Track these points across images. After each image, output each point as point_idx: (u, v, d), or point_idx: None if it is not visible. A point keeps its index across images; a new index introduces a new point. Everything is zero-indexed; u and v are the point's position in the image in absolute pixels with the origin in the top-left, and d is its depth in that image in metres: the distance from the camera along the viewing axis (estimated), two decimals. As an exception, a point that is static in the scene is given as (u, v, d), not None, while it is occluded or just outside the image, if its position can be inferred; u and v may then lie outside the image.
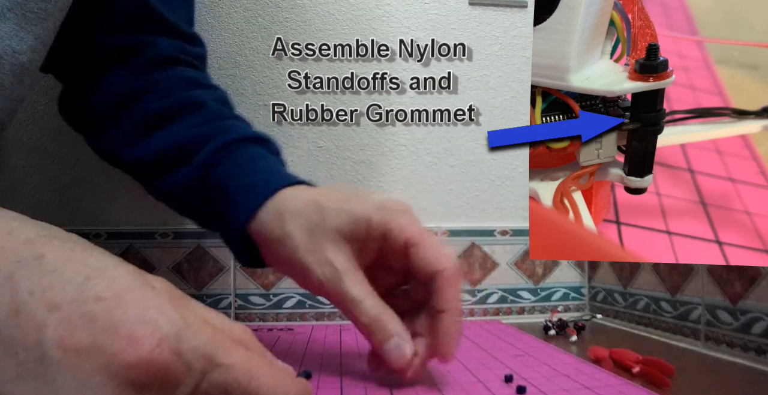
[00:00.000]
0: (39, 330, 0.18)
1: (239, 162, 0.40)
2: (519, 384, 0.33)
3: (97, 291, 0.19)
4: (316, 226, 0.34)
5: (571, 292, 0.68)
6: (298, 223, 0.35)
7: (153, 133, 0.42)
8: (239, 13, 0.65)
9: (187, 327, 0.19)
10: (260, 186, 0.37)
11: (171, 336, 0.19)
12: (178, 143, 0.41)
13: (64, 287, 0.19)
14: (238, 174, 0.39)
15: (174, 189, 0.42)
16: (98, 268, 0.20)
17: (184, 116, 0.42)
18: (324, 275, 0.33)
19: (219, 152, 0.40)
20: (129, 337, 0.18)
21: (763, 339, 0.40)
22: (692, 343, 0.48)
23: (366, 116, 0.66)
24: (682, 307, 0.49)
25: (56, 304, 0.18)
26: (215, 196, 0.39)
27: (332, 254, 0.33)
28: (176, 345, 0.19)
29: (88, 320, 0.18)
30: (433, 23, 0.68)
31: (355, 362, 0.39)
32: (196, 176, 0.40)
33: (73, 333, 0.18)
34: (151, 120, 0.43)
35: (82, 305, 0.18)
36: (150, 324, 0.18)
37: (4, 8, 0.32)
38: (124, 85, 0.44)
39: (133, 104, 0.43)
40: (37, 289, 0.18)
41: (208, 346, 0.19)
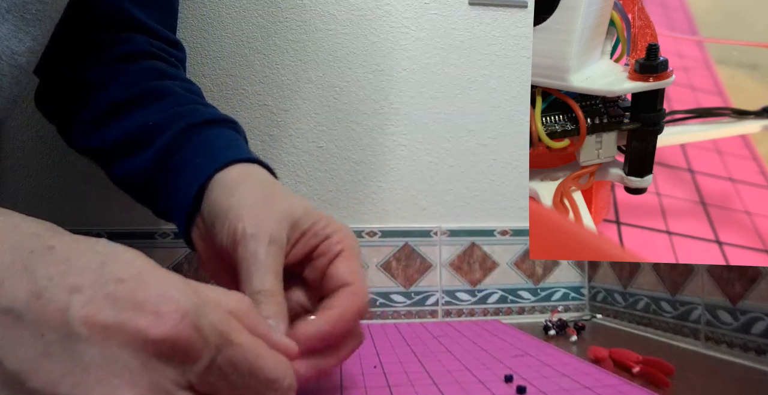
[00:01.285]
0: (63, 311, 0.19)
1: (199, 144, 0.39)
2: (519, 384, 0.33)
3: (116, 274, 0.20)
4: (271, 197, 0.33)
5: (571, 292, 0.68)
6: (255, 186, 0.34)
7: (114, 121, 0.42)
8: (239, 13, 0.65)
9: (204, 304, 0.20)
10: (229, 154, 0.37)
11: (192, 312, 0.20)
12: (138, 129, 0.41)
13: (83, 272, 0.20)
14: (197, 154, 0.38)
15: (133, 172, 0.42)
16: (110, 253, 0.21)
17: (148, 104, 0.42)
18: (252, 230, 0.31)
19: (181, 135, 0.39)
20: (155, 313, 0.19)
21: (763, 339, 0.40)
22: (692, 343, 0.48)
23: (366, 116, 0.66)
24: (682, 307, 0.49)
25: (77, 287, 0.19)
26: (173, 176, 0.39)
27: (271, 222, 0.32)
28: (197, 320, 0.20)
29: (112, 300, 0.19)
30: (433, 23, 0.68)
31: (354, 362, 0.39)
32: (156, 159, 0.40)
33: (98, 312, 0.19)
34: (114, 108, 0.43)
35: (104, 286, 0.19)
36: (173, 302, 0.19)
37: (2, 10, 0.32)
38: (94, 75, 0.44)
39: (101, 92, 0.43)
40: (55, 275, 0.19)
41: (222, 323, 0.20)
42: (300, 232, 0.33)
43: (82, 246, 0.21)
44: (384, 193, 0.66)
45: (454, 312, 0.65)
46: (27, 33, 0.34)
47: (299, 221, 0.33)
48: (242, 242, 0.31)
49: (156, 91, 0.43)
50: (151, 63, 0.45)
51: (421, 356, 0.42)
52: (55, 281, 0.19)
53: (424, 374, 0.36)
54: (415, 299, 0.64)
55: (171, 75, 0.46)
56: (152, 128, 0.41)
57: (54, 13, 0.36)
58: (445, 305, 0.65)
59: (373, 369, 0.38)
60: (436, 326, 0.57)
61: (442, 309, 0.65)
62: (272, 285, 0.29)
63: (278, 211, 0.33)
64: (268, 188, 0.35)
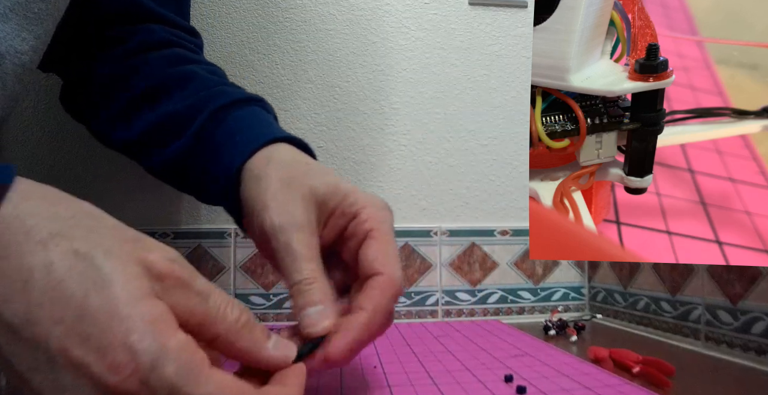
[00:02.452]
0: (47, 339, 0.21)
1: (231, 125, 0.39)
2: (519, 384, 0.33)
3: (93, 312, 0.21)
4: (294, 179, 0.33)
5: (571, 292, 0.68)
6: (278, 170, 0.34)
7: (141, 112, 0.42)
8: (239, 13, 0.65)
9: (163, 354, 0.21)
10: (253, 137, 0.37)
11: (146, 365, 0.20)
12: (167, 118, 0.41)
13: (67, 303, 0.21)
14: (232, 135, 0.38)
15: (166, 159, 0.42)
16: (98, 279, 0.21)
17: (173, 92, 0.42)
18: (279, 220, 0.31)
19: (212, 117, 0.39)
20: (110, 364, 0.20)
21: (763, 339, 0.40)
22: (692, 343, 0.48)
23: (366, 116, 0.66)
24: (682, 307, 0.49)
25: (60, 319, 0.21)
26: (211, 154, 0.39)
27: (296, 207, 0.32)
28: (147, 374, 0.20)
29: (84, 339, 0.21)
30: (433, 23, 0.68)
31: (355, 361, 0.39)
32: (190, 144, 0.40)
33: (72, 348, 0.21)
34: (140, 100, 0.42)
35: (80, 323, 0.21)
36: (130, 353, 0.20)
37: (6, 9, 0.33)
38: (115, 68, 0.44)
39: (124, 85, 0.43)
40: (46, 302, 0.21)
41: (176, 377, 0.21)
42: (328, 212, 0.33)
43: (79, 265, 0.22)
44: (384, 193, 0.66)
45: (454, 312, 0.65)
46: (30, 32, 0.35)
47: (326, 200, 0.33)
48: (273, 235, 0.31)
49: (180, 76, 0.43)
50: (172, 51, 0.45)
51: (421, 356, 0.42)
52: (44, 309, 0.21)
53: (424, 374, 0.36)
54: (415, 299, 0.64)
55: (193, 60, 0.45)
56: (181, 116, 0.40)
57: (56, 13, 0.37)
58: (445, 305, 0.65)
59: (373, 369, 0.38)
60: (436, 326, 0.57)
61: (442, 309, 0.65)
62: (311, 273, 0.30)
63: (302, 193, 0.32)
64: (293, 169, 0.34)
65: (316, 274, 0.30)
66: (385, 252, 0.31)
